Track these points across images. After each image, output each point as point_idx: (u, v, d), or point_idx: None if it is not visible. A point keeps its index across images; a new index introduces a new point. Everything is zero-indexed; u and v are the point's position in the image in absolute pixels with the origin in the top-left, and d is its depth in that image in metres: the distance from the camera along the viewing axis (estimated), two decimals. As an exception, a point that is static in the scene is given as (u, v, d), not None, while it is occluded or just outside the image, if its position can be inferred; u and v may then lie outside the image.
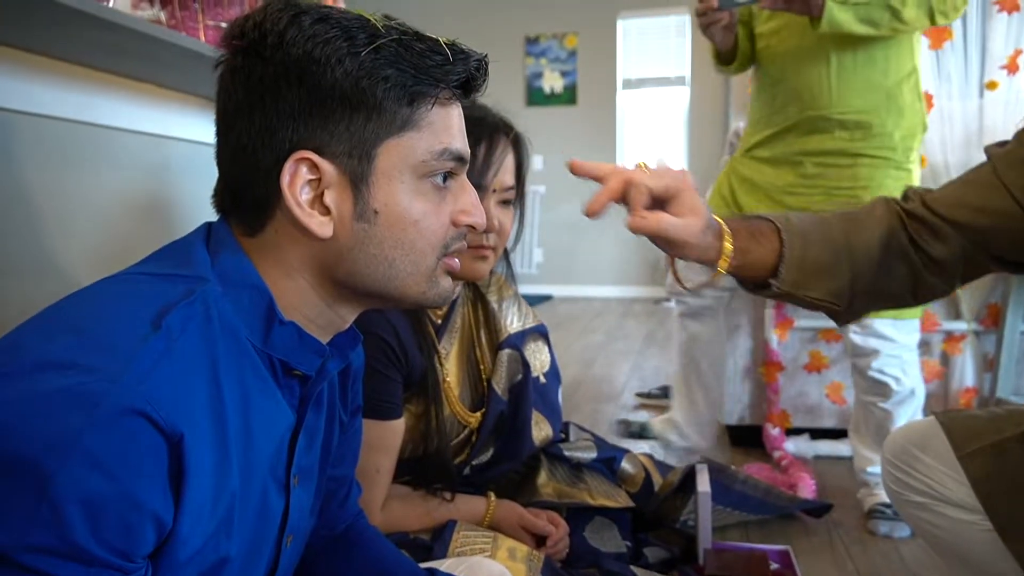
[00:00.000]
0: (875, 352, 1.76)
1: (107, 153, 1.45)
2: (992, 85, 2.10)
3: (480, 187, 1.13)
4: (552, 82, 6.04)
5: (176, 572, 0.56)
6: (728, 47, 1.78)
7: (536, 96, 6.04)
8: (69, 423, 0.48)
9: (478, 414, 1.28)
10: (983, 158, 0.96)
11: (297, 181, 0.62)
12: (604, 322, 4.76)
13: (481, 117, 1.17)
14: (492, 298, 1.36)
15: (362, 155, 0.63)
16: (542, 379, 1.39)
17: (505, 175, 1.17)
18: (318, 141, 0.62)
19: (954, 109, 2.14)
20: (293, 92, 0.61)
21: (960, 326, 2.13)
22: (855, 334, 1.77)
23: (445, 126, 0.66)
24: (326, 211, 0.63)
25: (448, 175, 0.67)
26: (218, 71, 0.65)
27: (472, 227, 0.69)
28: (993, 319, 2.13)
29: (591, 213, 0.82)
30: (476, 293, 1.36)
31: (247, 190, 0.64)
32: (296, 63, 0.61)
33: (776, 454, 2.14)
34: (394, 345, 1.13)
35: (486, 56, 0.69)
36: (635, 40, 6.02)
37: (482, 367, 1.32)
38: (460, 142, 0.67)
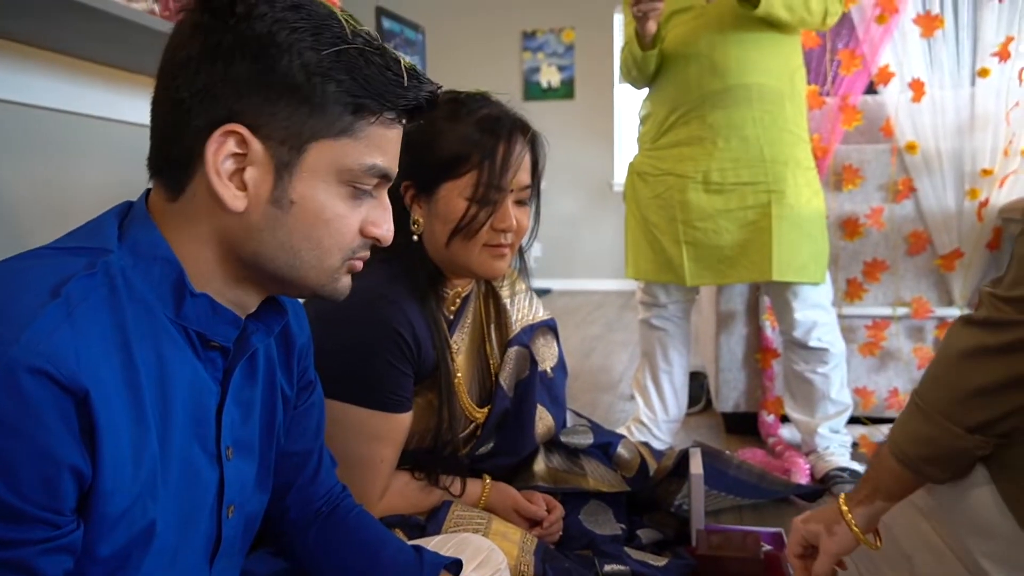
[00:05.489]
0: (815, 324, 1.88)
1: (101, 144, 1.46)
2: (984, 72, 2.10)
3: (499, 188, 1.13)
4: (549, 76, 6.03)
5: (107, 531, 0.58)
6: (653, 32, 1.81)
7: (533, 90, 6.03)
8: None
9: (484, 410, 1.28)
10: (974, 146, 0.93)
11: (223, 151, 0.63)
12: (603, 314, 4.77)
13: (498, 117, 1.15)
14: (504, 293, 1.35)
15: (293, 146, 0.64)
16: (549, 373, 1.39)
17: (523, 175, 1.16)
18: (254, 119, 0.63)
19: (946, 97, 2.14)
20: (245, 65, 0.62)
21: (953, 312, 2.14)
22: (797, 312, 1.88)
23: (380, 144, 0.68)
24: (243, 187, 0.64)
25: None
26: (179, 17, 0.65)
27: (377, 240, 0.71)
28: (986, 305, 2.13)
29: None
30: (488, 288, 1.34)
31: (173, 145, 0.64)
32: (257, 39, 0.62)
33: (771, 440, 2.15)
34: (408, 339, 1.11)
35: (440, 88, 0.71)
36: (632, 34, 6.00)
37: (491, 362, 1.32)
38: (390, 161, 0.70)
